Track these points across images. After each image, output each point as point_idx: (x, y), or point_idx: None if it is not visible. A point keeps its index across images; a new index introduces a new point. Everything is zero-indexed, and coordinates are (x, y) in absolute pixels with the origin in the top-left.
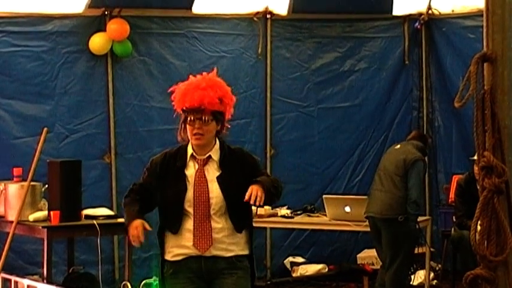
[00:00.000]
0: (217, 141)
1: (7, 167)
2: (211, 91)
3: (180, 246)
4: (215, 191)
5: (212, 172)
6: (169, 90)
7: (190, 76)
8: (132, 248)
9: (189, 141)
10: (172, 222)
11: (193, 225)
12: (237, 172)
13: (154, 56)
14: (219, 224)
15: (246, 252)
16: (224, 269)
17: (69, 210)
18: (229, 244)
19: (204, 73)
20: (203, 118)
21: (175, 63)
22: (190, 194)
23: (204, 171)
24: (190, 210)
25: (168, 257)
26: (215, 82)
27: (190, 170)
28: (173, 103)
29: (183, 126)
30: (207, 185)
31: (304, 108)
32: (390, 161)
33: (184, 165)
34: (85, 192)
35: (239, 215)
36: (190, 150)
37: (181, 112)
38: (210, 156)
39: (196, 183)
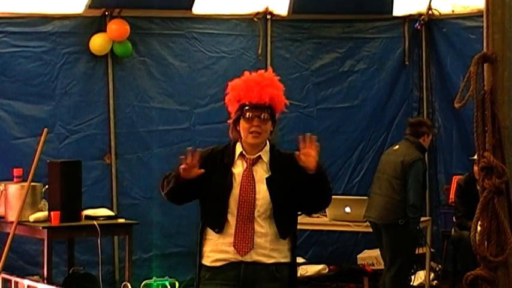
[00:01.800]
0: (268, 143)
1: (7, 167)
2: (276, 90)
3: (220, 251)
4: (262, 193)
5: (261, 173)
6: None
7: (246, 72)
8: (132, 249)
9: (237, 139)
10: (215, 220)
11: (236, 226)
12: (286, 176)
13: (154, 57)
14: (263, 228)
15: (288, 260)
16: (262, 280)
17: (69, 211)
18: (271, 250)
19: (261, 71)
20: (263, 116)
21: (176, 63)
22: (236, 192)
23: (252, 171)
24: (235, 209)
25: (207, 261)
26: (277, 82)
27: (238, 169)
28: (228, 98)
29: (236, 123)
30: (255, 185)
31: (303, 108)
32: (389, 163)
33: (231, 163)
34: (85, 192)
35: (285, 220)
36: (239, 149)
37: (237, 108)
38: (260, 157)
39: (244, 182)
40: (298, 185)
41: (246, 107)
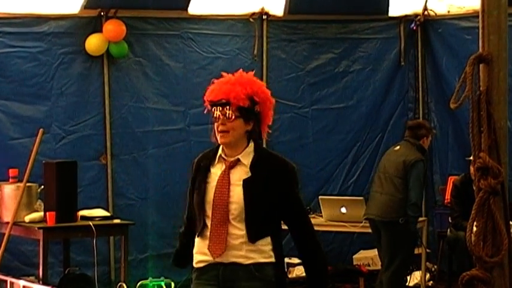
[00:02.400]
0: (252, 144)
1: (3, 168)
2: (239, 86)
3: (202, 253)
4: (236, 196)
5: (238, 175)
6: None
7: (224, 73)
8: (128, 249)
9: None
10: (197, 224)
11: (210, 229)
12: (265, 180)
13: (149, 57)
14: (239, 231)
15: (271, 259)
16: (240, 280)
17: (65, 211)
18: (248, 251)
19: (241, 71)
20: (227, 114)
21: (171, 64)
22: (210, 196)
23: (229, 174)
24: (210, 212)
25: (194, 263)
26: (247, 79)
27: (217, 172)
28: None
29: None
30: (229, 189)
31: (298, 109)
32: (390, 162)
33: (211, 166)
34: (81, 193)
35: (258, 223)
36: (220, 151)
37: (210, 109)
38: (239, 159)
39: (218, 185)
40: (275, 195)
41: (211, 106)
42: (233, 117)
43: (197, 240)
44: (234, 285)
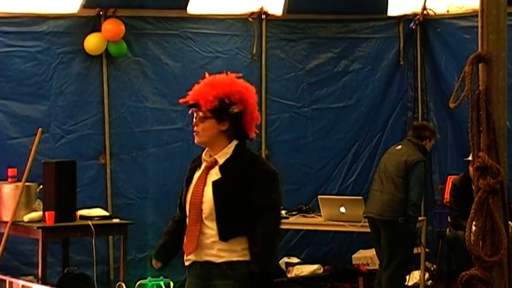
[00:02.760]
0: (232, 144)
1: (2, 167)
2: (209, 88)
3: (186, 252)
4: (208, 196)
5: (213, 176)
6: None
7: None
8: (127, 249)
9: None
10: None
11: (187, 228)
12: (235, 180)
13: (148, 57)
14: (210, 230)
15: (245, 258)
16: (215, 278)
17: (64, 211)
18: (220, 250)
19: (228, 73)
20: (198, 114)
21: (170, 63)
22: (189, 196)
23: (207, 174)
24: (188, 212)
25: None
26: (221, 81)
27: (198, 173)
28: None
29: None
30: (203, 189)
31: (298, 108)
32: (391, 162)
33: (196, 167)
34: (80, 192)
35: (229, 223)
36: (204, 152)
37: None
38: (215, 160)
39: (195, 186)
40: (245, 195)
41: (188, 108)
42: (204, 118)
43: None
44: (210, 283)
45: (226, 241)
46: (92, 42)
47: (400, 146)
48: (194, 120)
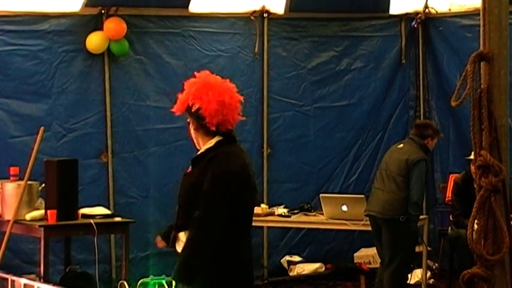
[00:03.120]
0: (212, 141)
1: (4, 166)
2: (181, 94)
3: None
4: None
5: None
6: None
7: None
8: (129, 247)
9: None
10: None
11: None
12: (197, 174)
13: (150, 55)
14: (182, 222)
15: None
16: None
17: (66, 210)
18: (180, 241)
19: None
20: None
21: (172, 62)
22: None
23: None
24: None
25: None
26: (187, 84)
27: None
28: None
29: None
30: (183, 184)
31: (300, 107)
32: (393, 160)
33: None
34: (81, 191)
35: (181, 214)
36: None
37: None
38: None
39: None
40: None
41: None
42: (189, 123)
43: None
44: None
45: (181, 232)
46: (94, 41)
47: (401, 145)
48: None
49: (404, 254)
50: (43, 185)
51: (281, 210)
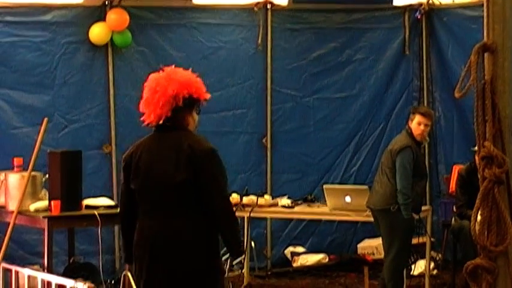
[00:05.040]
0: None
1: (7, 157)
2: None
3: None
4: None
5: None
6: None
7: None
8: None
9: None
10: None
11: None
12: None
13: (153, 47)
14: None
15: None
16: None
17: (69, 201)
18: None
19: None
20: None
21: (174, 54)
22: None
23: None
24: None
25: None
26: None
27: None
28: (197, 88)
29: (191, 112)
30: None
31: (300, 98)
32: (384, 152)
33: None
34: (83, 182)
35: None
36: None
37: (201, 101)
38: None
39: None
40: None
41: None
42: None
43: None
44: None
45: None
46: (97, 32)
47: (397, 136)
48: None
49: (400, 243)
50: (47, 176)
51: (284, 201)
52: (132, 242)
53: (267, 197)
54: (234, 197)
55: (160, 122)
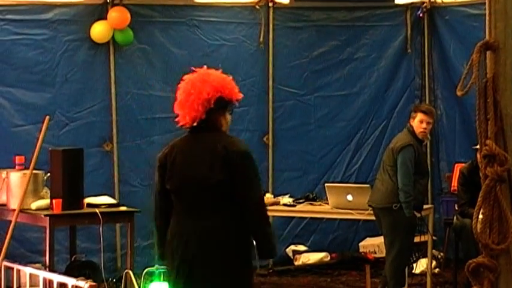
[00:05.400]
0: None
1: (7, 154)
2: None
3: None
4: None
5: None
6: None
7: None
8: (134, 236)
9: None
10: None
11: None
12: None
13: (154, 45)
14: None
15: None
16: None
17: (71, 199)
18: None
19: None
20: None
21: (176, 51)
22: None
23: None
24: None
25: None
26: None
27: None
28: (229, 90)
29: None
30: None
31: (301, 96)
32: (386, 150)
33: None
34: (84, 180)
35: None
36: None
37: (233, 102)
38: None
39: None
40: None
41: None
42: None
43: None
44: None
45: None
46: (98, 30)
47: (399, 134)
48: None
49: (402, 241)
50: (48, 174)
51: (286, 199)
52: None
53: (268, 195)
54: None
55: (195, 124)
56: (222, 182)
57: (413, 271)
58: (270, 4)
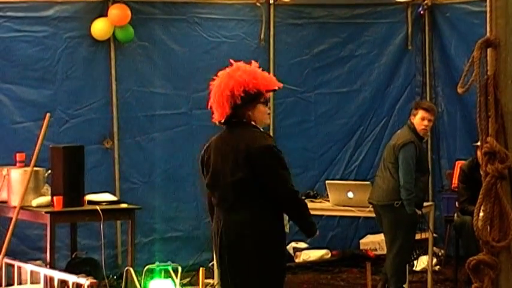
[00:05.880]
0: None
1: (7, 151)
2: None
3: None
4: None
5: None
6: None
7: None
8: (135, 233)
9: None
10: None
11: None
12: None
13: (155, 42)
14: None
15: None
16: None
17: (72, 196)
18: None
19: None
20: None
21: (176, 48)
22: None
23: None
24: None
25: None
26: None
27: None
28: (255, 84)
29: (254, 106)
30: None
31: (301, 93)
32: (386, 147)
33: None
34: (84, 177)
35: None
36: None
37: (263, 93)
38: None
39: None
40: None
41: (268, 92)
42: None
43: None
44: None
45: None
46: (99, 27)
47: (399, 131)
48: (267, 103)
49: (403, 239)
50: (49, 171)
51: None
52: None
53: None
54: None
55: (222, 120)
56: (245, 179)
57: (414, 268)
58: (271, 1)
